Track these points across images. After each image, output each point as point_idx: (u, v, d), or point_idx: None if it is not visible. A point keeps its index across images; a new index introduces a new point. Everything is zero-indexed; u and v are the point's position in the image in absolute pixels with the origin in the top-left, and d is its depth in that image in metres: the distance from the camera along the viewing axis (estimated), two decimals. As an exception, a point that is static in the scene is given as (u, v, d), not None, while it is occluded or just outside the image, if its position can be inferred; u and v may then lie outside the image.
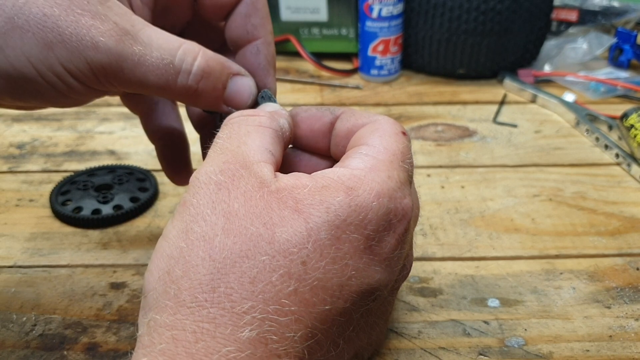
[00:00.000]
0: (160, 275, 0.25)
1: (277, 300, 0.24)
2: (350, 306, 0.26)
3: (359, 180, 0.27)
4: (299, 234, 0.25)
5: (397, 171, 0.28)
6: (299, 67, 0.78)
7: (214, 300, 0.24)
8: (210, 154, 0.29)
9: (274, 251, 0.25)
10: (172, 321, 0.23)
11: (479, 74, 0.73)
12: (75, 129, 0.63)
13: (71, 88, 0.29)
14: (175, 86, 0.30)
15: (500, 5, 0.67)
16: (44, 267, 0.44)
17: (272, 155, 0.29)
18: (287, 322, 0.24)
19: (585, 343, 0.37)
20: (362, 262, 0.26)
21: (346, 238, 0.26)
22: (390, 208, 0.27)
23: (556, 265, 0.44)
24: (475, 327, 0.38)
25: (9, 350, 0.37)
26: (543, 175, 0.55)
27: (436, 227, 0.48)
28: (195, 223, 0.26)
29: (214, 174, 0.27)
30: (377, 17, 0.69)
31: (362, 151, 0.29)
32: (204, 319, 0.23)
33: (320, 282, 0.25)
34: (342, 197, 0.26)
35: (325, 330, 0.26)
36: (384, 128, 0.30)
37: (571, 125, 0.64)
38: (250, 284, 0.24)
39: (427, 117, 0.65)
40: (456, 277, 0.43)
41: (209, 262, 0.24)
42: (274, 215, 0.25)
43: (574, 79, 0.71)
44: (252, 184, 0.26)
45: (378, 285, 0.27)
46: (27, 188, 0.53)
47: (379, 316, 0.31)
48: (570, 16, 0.82)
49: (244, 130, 0.29)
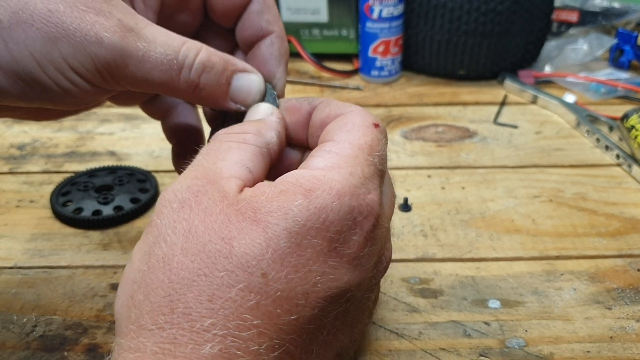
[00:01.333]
0: (124, 300, 0.25)
1: (239, 315, 0.24)
2: (319, 312, 0.26)
3: (318, 180, 0.26)
4: (257, 245, 0.24)
5: (360, 166, 0.27)
6: (299, 68, 0.78)
7: (173, 321, 0.23)
8: (185, 170, 0.28)
9: (232, 266, 0.24)
10: (135, 344, 0.24)
11: (479, 75, 0.73)
12: (75, 130, 0.63)
13: (75, 85, 0.29)
14: (179, 81, 0.30)
15: (500, 6, 0.67)
16: (45, 268, 0.44)
17: (249, 172, 0.28)
18: (250, 336, 0.24)
19: (586, 344, 0.37)
20: (327, 266, 0.25)
21: (308, 243, 0.25)
22: (353, 206, 0.26)
23: (557, 266, 0.44)
24: (475, 328, 0.38)
25: (10, 351, 0.37)
26: (543, 176, 0.55)
27: (437, 228, 0.48)
28: (157, 245, 0.25)
29: (179, 191, 0.26)
30: (377, 18, 0.69)
31: (326, 148, 0.28)
32: (164, 340, 0.23)
33: (283, 292, 0.24)
34: (300, 201, 0.25)
35: (293, 340, 0.25)
36: (353, 121, 0.30)
37: (572, 126, 0.64)
38: (209, 302, 0.24)
39: (427, 118, 0.65)
40: (457, 278, 0.43)
41: (167, 284, 0.24)
42: (233, 228, 0.25)
43: (575, 79, 0.71)
44: (214, 198, 0.26)
45: (347, 286, 0.26)
46: (28, 189, 0.53)
47: (358, 314, 0.30)
48: (570, 17, 0.82)
49: (225, 146, 0.29)
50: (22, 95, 0.29)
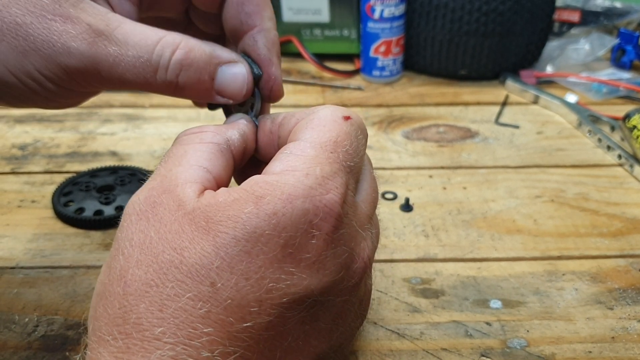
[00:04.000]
0: (90, 313, 0.26)
1: (189, 323, 0.24)
2: (276, 319, 0.25)
3: (270, 186, 0.25)
4: (206, 254, 0.24)
5: (320, 165, 0.26)
6: (300, 68, 0.78)
7: (126, 331, 0.24)
8: (147, 180, 0.28)
9: (182, 275, 0.24)
10: (95, 356, 0.24)
11: (480, 75, 0.73)
12: (77, 130, 0.63)
13: (51, 92, 0.29)
14: (155, 82, 0.29)
15: (502, 6, 0.67)
16: (46, 268, 0.44)
17: (206, 172, 0.27)
18: (201, 343, 0.24)
19: (588, 344, 0.37)
20: (282, 271, 0.25)
21: (259, 250, 0.24)
22: (306, 209, 0.25)
23: (558, 267, 0.44)
24: (477, 328, 0.38)
25: (11, 351, 0.37)
26: (545, 177, 0.55)
27: (438, 228, 0.48)
28: (115, 258, 0.26)
29: (137, 204, 0.27)
30: (379, 18, 0.69)
31: (287, 150, 0.27)
32: (118, 350, 0.24)
33: (234, 300, 0.24)
34: (250, 208, 0.25)
35: (249, 347, 0.25)
36: (320, 117, 0.29)
37: (573, 126, 0.63)
38: (159, 311, 0.24)
39: (428, 118, 0.65)
40: (458, 278, 0.43)
41: (121, 296, 0.25)
42: (185, 238, 0.25)
43: (576, 80, 0.71)
44: (170, 208, 0.26)
45: (307, 292, 0.26)
46: (30, 189, 0.53)
47: (336, 318, 0.29)
48: (572, 17, 0.82)
49: (181, 150, 0.28)
50: (4, 100, 0.29)
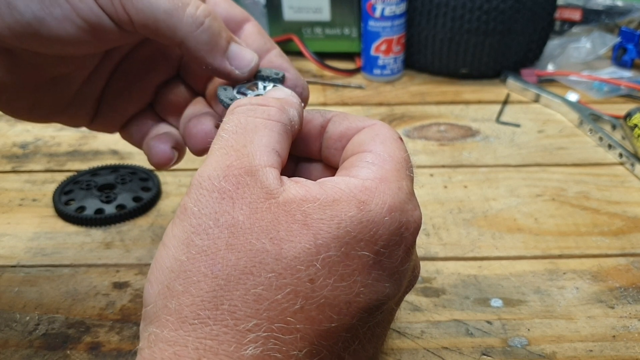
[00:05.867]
0: (160, 289, 0.25)
1: (283, 318, 0.23)
2: (357, 322, 0.26)
3: (371, 192, 0.26)
4: (307, 250, 0.24)
5: (405, 181, 0.27)
6: (301, 66, 0.78)
7: (217, 317, 0.23)
8: (214, 151, 0.27)
9: (280, 268, 0.24)
10: (173, 337, 0.23)
11: (481, 74, 0.73)
12: (78, 128, 0.63)
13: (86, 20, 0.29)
14: (184, 15, 0.30)
15: (503, 4, 0.67)
16: (47, 267, 0.44)
17: (278, 156, 0.27)
18: (291, 339, 0.24)
19: (589, 343, 0.37)
20: (371, 277, 0.26)
21: (355, 254, 0.25)
22: (402, 222, 0.26)
23: (559, 265, 0.44)
24: (478, 327, 0.38)
25: (13, 349, 0.37)
26: (546, 175, 0.55)
27: (439, 227, 0.48)
28: (197, 235, 0.25)
29: (217, 179, 0.26)
30: (379, 17, 0.69)
31: (368, 159, 0.28)
32: (207, 335, 0.23)
33: (327, 299, 0.24)
34: (353, 213, 0.25)
35: (330, 347, 0.25)
36: (384, 133, 0.29)
37: (574, 125, 0.63)
38: (255, 302, 0.23)
39: (429, 117, 0.65)
40: (459, 277, 0.42)
41: (211, 278, 0.24)
42: (282, 229, 0.24)
43: (577, 78, 0.71)
44: (258, 194, 0.25)
45: (386, 299, 0.27)
46: (30, 188, 0.53)
47: (386, 326, 0.30)
48: (573, 15, 0.82)
49: (251, 124, 0.28)
50: (29, 42, 0.30)
